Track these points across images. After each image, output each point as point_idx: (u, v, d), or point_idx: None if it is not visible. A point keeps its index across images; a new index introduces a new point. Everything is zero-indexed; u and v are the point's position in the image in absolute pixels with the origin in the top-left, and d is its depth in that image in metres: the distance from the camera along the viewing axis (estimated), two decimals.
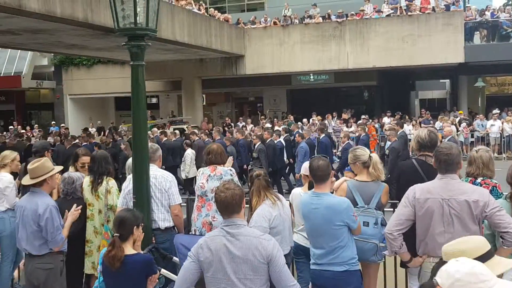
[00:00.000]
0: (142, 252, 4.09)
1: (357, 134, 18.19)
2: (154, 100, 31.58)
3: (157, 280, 4.16)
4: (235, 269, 3.23)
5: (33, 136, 21.37)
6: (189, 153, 14.10)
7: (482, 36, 22.95)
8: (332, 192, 4.70)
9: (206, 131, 21.40)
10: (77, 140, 16.36)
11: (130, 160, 5.26)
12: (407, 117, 23.82)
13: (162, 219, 5.16)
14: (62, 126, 24.86)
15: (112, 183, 5.51)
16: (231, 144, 14.07)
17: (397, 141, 12.32)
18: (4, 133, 23.03)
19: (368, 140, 17.98)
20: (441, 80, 32.18)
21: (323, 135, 14.23)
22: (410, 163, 4.75)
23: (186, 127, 22.31)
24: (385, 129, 21.18)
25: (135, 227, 3.95)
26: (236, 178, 5.37)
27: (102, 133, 23.34)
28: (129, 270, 3.84)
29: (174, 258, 4.92)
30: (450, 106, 27.89)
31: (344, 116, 24.03)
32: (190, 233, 5.51)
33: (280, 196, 4.94)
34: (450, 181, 3.81)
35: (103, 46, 18.67)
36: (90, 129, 24.03)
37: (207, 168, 5.47)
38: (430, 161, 4.66)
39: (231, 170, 5.50)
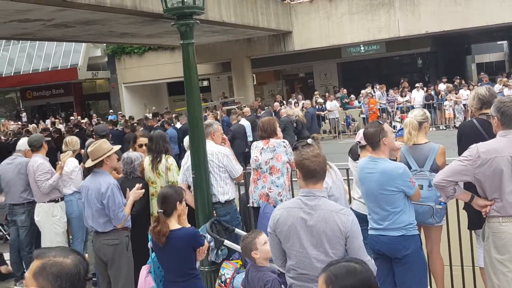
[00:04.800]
0: (188, 226, 4.21)
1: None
2: (205, 83, 31.90)
3: (206, 252, 4.26)
4: (312, 242, 3.15)
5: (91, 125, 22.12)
6: None
7: None
8: (396, 160, 4.64)
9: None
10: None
11: (187, 138, 5.40)
12: (463, 81, 23.05)
13: (222, 192, 5.29)
14: (120, 114, 25.63)
15: (171, 160, 5.68)
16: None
17: None
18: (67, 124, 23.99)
19: (314, 112, 17.62)
20: (498, 42, 30.82)
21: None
22: (471, 124, 4.58)
23: (237, 107, 22.48)
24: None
25: (178, 202, 4.05)
26: (290, 150, 5.41)
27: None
28: (175, 244, 3.97)
29: (236, 230, 5.05)
30: (510, 68, 26.68)
31: (405, 84, 23.50)
32: (248, 205, 5.62)
33: (331, 163, 4.95)
34: None
35: (153, 32, 18.98)
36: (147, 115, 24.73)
37: (260, 141, 5.55)
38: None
39: (284, 142, 5.55)
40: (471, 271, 5.16)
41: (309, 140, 4.98)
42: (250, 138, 13.95)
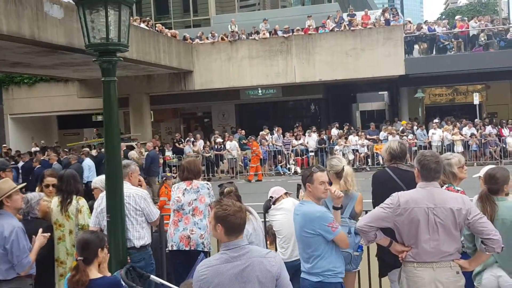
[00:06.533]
0: (109, 274, 3.99)
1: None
2: (100, 118, 30.86)
3: None
4: None
5: None
6: None
7: (421, 49, 24.00)
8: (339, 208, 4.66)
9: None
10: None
11: (100, 177, 5.15)
12: (352, 128, 24.55)
13: (137, 237, 5.08)
14: (4, 147, 23.85)
15: (82, 202, 5.38)
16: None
17: None
18: None
19: (155, 155, 18.31)
20: (379, 92, 33.33)
21: None
22: (384, 171, 4.90)
23: (136, 144, 21.95)
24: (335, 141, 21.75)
25: (99, 249, 3.84)
26: (212, 192, 5.38)
27: (46, 152, 22.54)
28: None
29: (152, 276, 4.85)
30: (389, 117, 28.91)
31: (299, 127, 24.40)
32: (167, 249, 5.45)
33: (251, 209, 4.99)
34: (433, 189, 3.93)
35: (48, 63, 18.15)
36: (33, 149, 23.26)
37: (182, 182, 5.45)
38: (402, 167, 4.86)
39: (207, 183, 5.51)
40: None
41: (227, 190, 4.98)
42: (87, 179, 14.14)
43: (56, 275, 5.39)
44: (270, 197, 5.19)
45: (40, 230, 4.83)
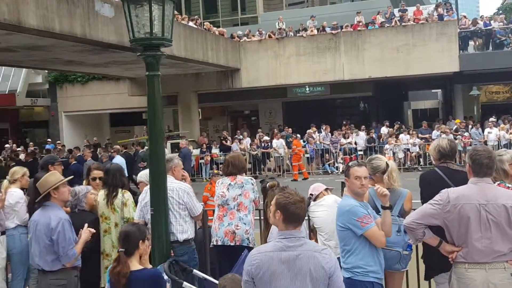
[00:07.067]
0: (150, 266, 3.99)
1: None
2: None
3: None
4: (296, 285, 3.05)
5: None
6: None
7: (477, 44, 23.16)
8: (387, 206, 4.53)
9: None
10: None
11: (144, 172, 5.18)
12: (403, 126, 23.95)
13: (181, 231, 5.08)
14: (58, 143, 24.68)
15: (127, 195, 5.43)
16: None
17: None
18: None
19: (187, 152, 18.09)
20: (433, 90, 32.43)
21: None
22: (433, 171, 4.68)
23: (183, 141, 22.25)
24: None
25: (140, 241, 3.86)
26: (256, 188, 5.33)
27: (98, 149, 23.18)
28: (136, 286, 3.73)
29: (195, 270, 4.84)
30: (443, 116, 28.05)
31: (348, 126, 24.10)
32: (211, 244, 5.44)
33: None
34: (486, 185, 3.76)
35: (99, 62, 18.64)
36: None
37: (226, 177, 5.43)
38: (453, 167, 4.63)
39: (251, 179, 5.48)
40: None
41: (269, 184, 4.91)
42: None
43: (102, 268, 5.46)
44: (310, 194, 5.09)
45: (86, 225, 4.90)
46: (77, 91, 28.82)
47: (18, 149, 23.89)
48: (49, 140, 26.95)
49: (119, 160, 15.01)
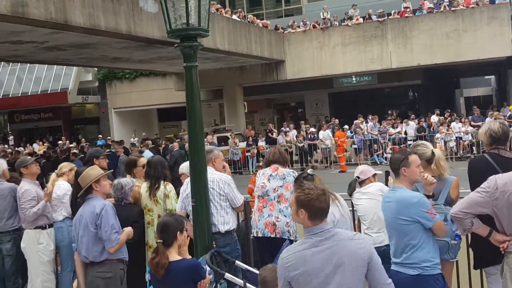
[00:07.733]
0: (189, 257, 3.97)
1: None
2: None
3: (207, 286, 4.01)
4: (335, 278, 2.93)
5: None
6: None
7: None
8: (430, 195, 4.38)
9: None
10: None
11: (187, 163, 5.18)
12: (455, 114, 23.19)
13: (222, 222, 5.04)
14: (109, 139, 25.31)
15: (170, 187, 5.44)
16: None
17: None
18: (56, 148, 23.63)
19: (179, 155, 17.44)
20: (486, 77, 31.25)
21: None
22: (483, 158, 4.39)
23: (230, 135, 22.35)
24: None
25: (178, 232, 3.84)
26: None
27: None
28: (175, 276, 3.73)
29: (237, 262, 4.80)
30: (497, 103, 26.96)
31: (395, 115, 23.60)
32: (252, 235, 5.38)
33: (337, 195, 4.77)
34: None
35: (145, 58, 18.93)
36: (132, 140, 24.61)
37: (267, 168, 5.37)
38: (505, 154, 4.35)
39: (293, 172, 5.38)
40: None
41: (309, 170, 4.82)
42: None
43: (147, 260, 5.50)
44: (357, 177, 4.90)
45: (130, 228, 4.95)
46: (126, 88, 29.47)
47: (71, 145, 24.66)
48: (100, 136, 27.70)
49: (148, 154, 15.02)
